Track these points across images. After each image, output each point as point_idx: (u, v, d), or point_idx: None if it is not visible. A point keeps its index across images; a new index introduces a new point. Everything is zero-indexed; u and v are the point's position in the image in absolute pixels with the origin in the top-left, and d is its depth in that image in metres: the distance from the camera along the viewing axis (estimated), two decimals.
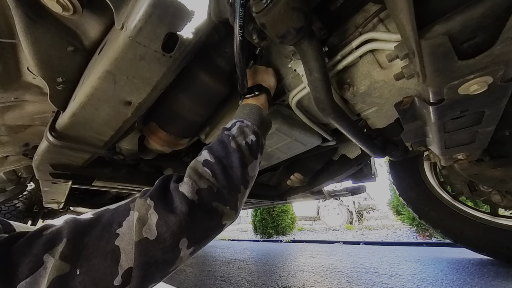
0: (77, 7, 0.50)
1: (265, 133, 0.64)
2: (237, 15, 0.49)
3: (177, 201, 0.44)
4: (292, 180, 1.59)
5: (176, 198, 0.44)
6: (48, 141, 0.69)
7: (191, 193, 0.45)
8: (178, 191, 0.45)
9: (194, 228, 0.44)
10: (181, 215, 0.42)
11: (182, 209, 0.43)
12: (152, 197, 0.44)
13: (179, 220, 0.42)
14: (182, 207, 0.43)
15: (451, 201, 1.59)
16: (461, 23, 0.39)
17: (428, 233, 3.79)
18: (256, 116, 0.62)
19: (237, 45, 0.54)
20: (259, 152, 0.59)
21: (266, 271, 1.87)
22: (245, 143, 0.56)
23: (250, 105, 0.65)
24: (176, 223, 0.42)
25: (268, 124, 0.67)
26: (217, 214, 0.47)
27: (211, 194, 0.47)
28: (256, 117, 0.62)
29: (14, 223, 1.16)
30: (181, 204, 0.43)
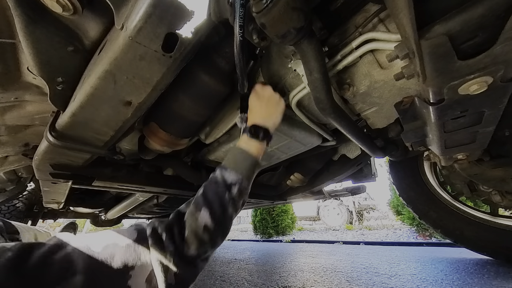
0: (77, 7, 0.50)
1: (252, 180, 0.68)
2: (237, 15, 0.49)
3: (187, 258, 0.53)
4: (292, 180, 1.59)
5: (185, 259, 0.53)
6: (48, 141, 0.69)
7: (192, 256, 0.54)
8: (185, 254, 0.53)
9: (197, 275, 0.57)
10: (194, 273, 0.55)
11: (191, 264, 0.54)
12: (172, 255, 0.52)
13: (192, 274, 0.54)
14: (191, 263, 0.54)
15: (451, 201, 1.59)
16: (461, 23, 0.39)
17: (428, 233, 3.79)
18: (250, 167, 0.64)
19: (237, 45, 0.54)
20: (245, 200, 0.66)
21: (266, 271, 1.87)
22: (242, 204, 0.62)
23: (252, 158, 0.65)
24: (190, 276, 0.54)
25: (257, 170, 0.70)
26: (210, 257, 0.61)
27: (209, 253, 0.58)
28: (250, 171, 0.64)
29: (15, 223, 1.16)
30: (190, 260, 0.54)
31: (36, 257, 0.41)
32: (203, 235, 0.53)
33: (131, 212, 2.46)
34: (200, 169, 1.22)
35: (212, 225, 0.54)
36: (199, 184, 0.69)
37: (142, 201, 1.91)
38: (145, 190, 1.35)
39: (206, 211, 0.54)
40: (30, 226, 1.33)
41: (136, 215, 3.10)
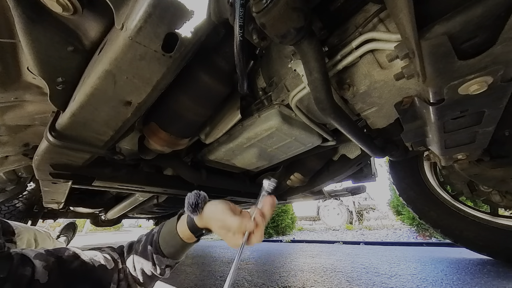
0: (77, 7, 0.50)
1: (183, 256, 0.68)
2: (237, 15, 0.49)
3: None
4: (292, 180, 1.59)
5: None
6: (48, 141, 0.69)
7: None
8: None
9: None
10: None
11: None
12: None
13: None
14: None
15: (451, 201, 1.59)
16: (461, 23, 0.39)
17: (428, 233, 3.80)
18: (180, 254, 0.65)
19: (237, 45, 0.54)
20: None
21: (266, 271, 1.87)
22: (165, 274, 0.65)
23: (187, 244, 0.63)
24: None
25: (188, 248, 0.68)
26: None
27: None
28: (180, 254, 0.65)
29: (14, 223, 1.16)
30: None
31: (67, 263, 0.57)
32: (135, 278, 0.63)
33: (131, 212, 2.46)
34: (200, 169, 1.22)
35: (141, 280, 0.63)
36: (199, 184, 0.68)
37: (142, 201, 1.91)
38: (145, 190, 1.35)
39: (140, 272, 0.63)
40: (30, 226, 1.33)
41: (136, 215, 3.10)
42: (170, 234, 0.63)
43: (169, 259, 0.63)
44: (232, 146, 0.98)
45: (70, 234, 2.56)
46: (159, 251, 0.62)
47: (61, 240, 2.35)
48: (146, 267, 0.62)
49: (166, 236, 0.63)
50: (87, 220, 3.51)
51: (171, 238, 0.62)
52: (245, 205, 2.35)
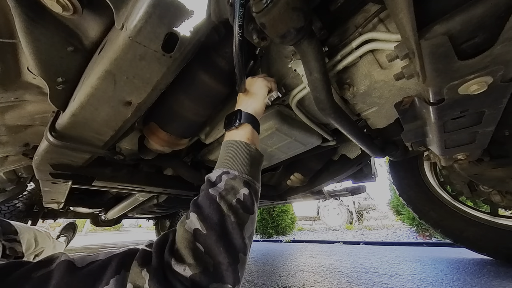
0: (77, 7, 0.50)
1: (257, 173, 0.57)
2: (237, 14, 0.49)
3: (173, 283, 0.40)
4: (292, 180, 1.59)
5: (172, 279, 0.40)
6: (48, 141, 0.69)
7: (184, 278, 0.40)
8: (172, 271, 0.41)
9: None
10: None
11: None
12: (149, 271, 0.40)
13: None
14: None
15: (451, 201, 1.59)
16: (461, 23, 0.39)
17: (428, 233, 3.79)
18: (243, 159, 0.54)
19: (236, 45, 0.54)
20: (254, 204, 0.52)
21: (266, 271, 1.87)
22: (236, 201, 0.49)
23: (234, 143, 0.57)
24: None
25: (259, 160, 0.59)
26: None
27: (208, 277, 0.41)
28: (244, 160, 0.54)
29: (14, 223, 1.16)
30: (179, 286, 0.40)
31: (20, 273, 0.43)
32: (195, 243, 0.43)
33: (131, 212, 2.46)
34: (200, 169, 1.22)
35: (204, 230, 0.44)
36: (199, 184, 0.68)
37: (142, 201, 1.91)
38: (145, 190, 1.35)
39: (194, 215, 0.46)
40: (30, 226, 1.33)
41: (136, 215, 3.10)
42: (222, 152, 0.56)
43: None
44: None
45: (70, 234, 2.56)
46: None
47: (61, 240, 2.35)
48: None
49: (220, 156, 0.56)
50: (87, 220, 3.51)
51: (224, 151, 0.56)
52: None
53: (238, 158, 0.55)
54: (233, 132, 0.61)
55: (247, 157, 0.55)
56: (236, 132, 0.60)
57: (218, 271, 0.43)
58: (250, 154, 0.56)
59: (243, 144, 0.57)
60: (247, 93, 0.67)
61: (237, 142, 0.57)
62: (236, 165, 0.54)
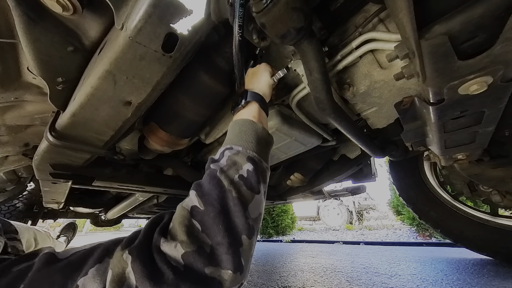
0: (77, 7, 0.49)
1: (265, 153, 0.52)
2: (236, 14, 0.49)
3: (160, 264, 0.35)
4: (292, 180, 1.59)
5: (158, 260, 0.35)
6: (48, 141, 0.68)
7: (175, 258, 0.35)
8: (160, 251, 0.36)
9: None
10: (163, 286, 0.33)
11: (166, 278, 0.33)
12: (132, 251, 0.36)
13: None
14: (166, 276, 0.34)
15: (451, 201, 1.59)
16: (461, 23, 0.39)
17: (428, 233, 3.79)
18: (248, 136, 0.51)
19: (235, 45, 0.54)
20: (261, 182, 0.47)
21: (266, 271, 1.86)
22: (238, 177, 0.44)
23: (240, 121, 0.54)
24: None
25: (267, 140, 0.55)
26: (214, 282, 0.36)
27: (202, 258, 0.36)
28: (249, 136, 0.51)
29: (14, 223, 1.16)
30: (164, 269, 0.34)
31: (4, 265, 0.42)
32: (192, 220, 0.39)
33: (131, 212, 2.46)
34: (200, 169, 1.22)
35: (202, 206, 0.40)
36: None
37: (142, 201, 1.91)
38: (145, 190, 1.35)
39: (193, 192, 0.43)
40: (29, 226, 1.33)
41: (136, 215, 3.10)
42: (228, 133, 0.53)
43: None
44: None
45: (70, 234, 2.56)
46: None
47: (61, 240, 2.36)
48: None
49: (226, 138, 0.53)
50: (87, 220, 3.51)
51: (230, 131, 0.53)
52: None
53: (243, 135, 0.51)
54: (240, 113, 0.58)
55: (252, 134, 0.51)
56: (242, 112, 0.58)
57: (216, 253, 0.37)
58: (256, 132, 0.52)
59: (248, 121, 0.54)
60: (252, 77, 0.66)
61: (242, 120, 0.54)
62: (240, 141, 0.50)
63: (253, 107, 0.58)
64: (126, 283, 0.33)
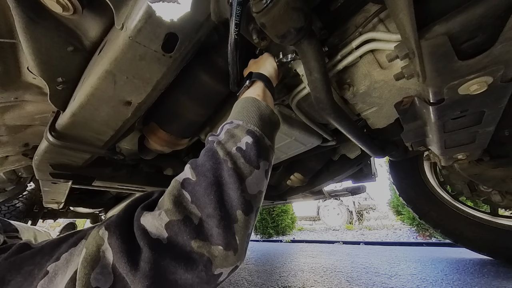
0: (77, 7, 0.49)
1: (269, 130, 0.49)
2: (234, 12, 0.49)
3: (138, 239, 0.31)
4: (292, 180, 1.59)
5: (138, 235, 0.31)
6: (48, 141, 0.69)
7: (156, 228, 0.31)
8: (139, 223, 0.32)
9: (163, 284, 0.30)
10: (142, 266, 0.29)
11: (143, 254, 0.30)
12: (109, 226, 0.32)
13: (141, 274, 0.29)
14: (143, 251, 0.30)
15: (451, 201, 1.59)
16: (461, 23, 0.39)
17: (428, 233, 3.79)
18: (250, 112, 0.48)
19: (231, 43, 0.54)
20: (261, 157, 0.43)
21: (266, 271, 1.87)
22: (236, 149, 0.41)
23: (243, 99, 0.52)
24: (137, 277, 0.29)
25: (272, 118, 0.51)
26: (201, 259, 0.32)
27: (189, 229, 0.32)
28: (251, 113, 0.48)
29: (14, 222, 1.16)
30: (142, 244, 0.30)
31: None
32: (181, 190, 0.36)
33: None
34: None
35: (194, 177, 0.37)
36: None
37: None
38: (145, 190, 1.35)
39: (188, 165, 0.40)
40: (29, 226, 1.33)
41: None
42: (232, 112, 0.51)
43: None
44: None
45: None
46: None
47: None
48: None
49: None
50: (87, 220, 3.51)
51: (234, 108, 0.51)
52: None
53: (245, 111, 0.48)
54: (244, 93, 0.57)
55: (255, 111, 0.48)
56: (247, 92, 0.56)
57: (205, 225, 0.33)
58: (259, 108, 0.49)
59: (251, 98, 0.51)
60: (255, 64, 0.65)
61: (245, 98, 0.52)
62: (241, 116, 0.47)
63: (258, 85, 0.56)
64: (101, 263, 0.29)
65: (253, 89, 0.56)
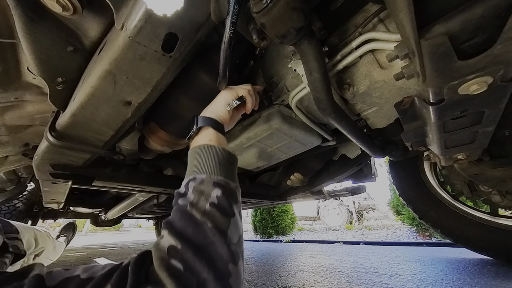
0: (77, 7, 0.49)
1: (231, 172, 0.52)
2: (231, 11, 0.49)
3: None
4: (292, 180, 1.59)
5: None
6: (48, 141, 0.69)
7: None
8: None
9: None
10: None
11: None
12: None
13: None
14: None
15: (451, 201, 1.59)
16: (461, 23, 0.39)
17: (428, 233, 3.79)
18: (209, 161, 0.50)
19: (225, 41, 0.54)
20: (234, 204, 0.46)
21: (266, 271, 1.87)
22: (210, 206, 0.43)
23: (197, 148, 0.53)
24: None
25: (231, 159, 0.54)
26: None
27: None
28: (210, 161, 0.50)
29: (14, 223, 1.16)
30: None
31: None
32: (171, 260, 0.37)
33: (131, 212, 2.46)
34: None
35: (178, 244, 0.38)
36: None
37: (142, 201, 1.91)
38: (145, 190, 1.35)
39: (166, 231, 0.41)
40: (30, 226, 1.33)
41: (136, 215, 3.10)
42: (188, 162, 0.52)
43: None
44: (232, 146, 0.98)
45: (70, 234, 2.56)
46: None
47: (61, 240, 2.35)
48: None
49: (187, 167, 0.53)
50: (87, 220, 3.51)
51: (190, 160, 0.52)
52: (245, 205, 2.35)
53: (203, 161, 0.50)
54: (195, 140, 0.58)
55: (213, 159, 0.51)
56: (197, 138, 0.57)
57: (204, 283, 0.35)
58: (216, 154, 0.51)
59: (206, 146, 0.53)
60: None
61: (199, 147, 0.53)
62: (202, 168, 0.49)
63: (207, 131, 0.57)
64: None
65: (203, 135, 0.57)
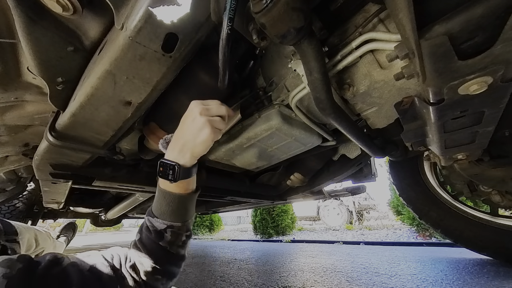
0: (77, 7, 0.50)
1: (185, 212, 0.62)
2: (228, 6, 0.49)
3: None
4: (292, 180, 1.59)
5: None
6: (48, 141, 0.69)
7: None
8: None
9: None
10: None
11: None
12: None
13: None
14: None
15: (451, 201, 1.59)
16: (461, 23, 0.39)
17: (428, 233, 3.79)
18: (183, 211, 0.61)
19: (223, 38, 0.53)
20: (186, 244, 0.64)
21: (266, 271, 1.87)
22: (186, 237, 0.62)
23: (175, 197, 0.59)
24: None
25: (185, 203, 0.62)
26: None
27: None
28: (184, 211, 0.61)
29: (15, 223, 1.16)
30: None
31: (41, 269, 0.46)
32: (155, 277, 0.56)
33: (131, 212, 2.46)
34: (200, 169, 1.22)
35: (159, 269, 0.56)
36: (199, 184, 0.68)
37: (142, 201, 1.91)
38: (145, 190, 1.35)
39: (148, 258, 0.56)
40: (30, 226, 1.33)
41: (136, 215, 3.09)
42: (162, 199, 0.60)
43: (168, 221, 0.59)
44: (232, 146, 0.98)
45: (70, 234, 2.56)
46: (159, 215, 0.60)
47: (61, 240, 2.35)
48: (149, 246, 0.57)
49: (160, 203, 0.60)
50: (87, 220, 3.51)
51: (165, 201, 0.60)
52: (245, 205, 2.35)
53: (173, 211, 0.60)
54: (163, 183, 0.60)
55: (182, 209, 0.61)
56: (161, 180, 0.60)
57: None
58: (186, 204, 0.62)
59: (181, 197, 0.60)
60: (183, 122, 0.62)
61: (172, 196, 0.59)
62: (170, 216, 0.59)
63: (184, 183, 0.60)
64: None
65: (175, 185, 0.59)
